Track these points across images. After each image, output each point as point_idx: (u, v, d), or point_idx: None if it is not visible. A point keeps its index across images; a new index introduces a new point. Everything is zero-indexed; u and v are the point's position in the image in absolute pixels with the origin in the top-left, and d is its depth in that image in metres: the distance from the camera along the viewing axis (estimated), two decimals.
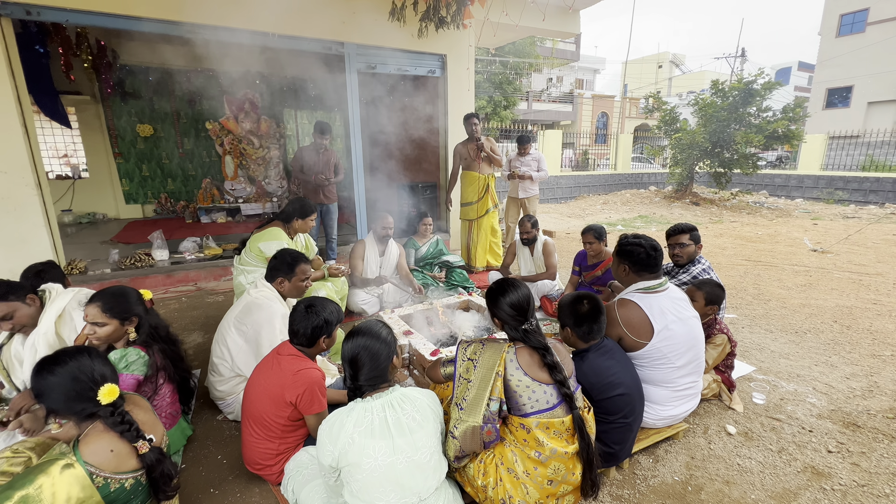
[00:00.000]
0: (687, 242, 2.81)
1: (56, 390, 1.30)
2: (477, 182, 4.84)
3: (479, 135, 4.72)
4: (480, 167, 4.80)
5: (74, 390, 1.30)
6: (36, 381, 1.31)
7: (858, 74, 18.86)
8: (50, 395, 1.30)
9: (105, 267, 4.46)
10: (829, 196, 11.77)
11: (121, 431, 1.32)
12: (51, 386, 1.30)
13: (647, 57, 36.27)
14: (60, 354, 1.35)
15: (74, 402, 1.31)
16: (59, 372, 1.31)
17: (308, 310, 1.81)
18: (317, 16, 4.70)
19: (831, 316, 3.75)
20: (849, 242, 6.62)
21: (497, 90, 19.32)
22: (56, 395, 1.30)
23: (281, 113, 8.49)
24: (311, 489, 1.59)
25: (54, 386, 1.30)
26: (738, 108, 10.58)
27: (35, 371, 1.32)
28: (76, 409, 1.32)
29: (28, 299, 1.99)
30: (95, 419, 1.34)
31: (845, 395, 2.56)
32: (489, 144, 4.78)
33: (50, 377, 1.30)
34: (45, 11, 3.72)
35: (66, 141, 7.83)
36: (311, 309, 1.81)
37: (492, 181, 4.87)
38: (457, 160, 4.97)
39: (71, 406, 1.31)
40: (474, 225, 4.96)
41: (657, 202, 11.79)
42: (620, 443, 1.84)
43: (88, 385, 1.31)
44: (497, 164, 4.88)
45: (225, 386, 2.25)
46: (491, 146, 4.79)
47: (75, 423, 1.35)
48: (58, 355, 1.35)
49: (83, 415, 1.33)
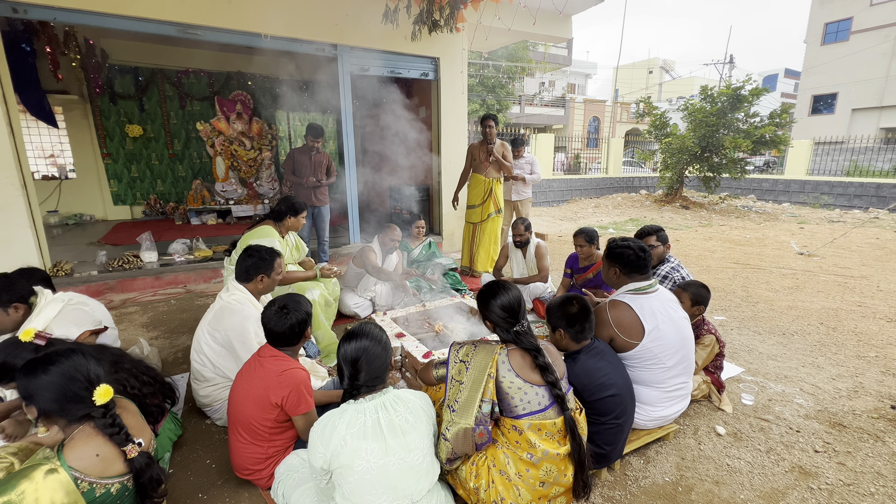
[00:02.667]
0: (655, 244, 2.93)
1: (49, 390, 1.25)
2: (482, 185, 4.79)
3: (494, 139, 4.65)
4: (487, 171, 4.75)
5: (70, 390, 1.27)
6: (27, 381, 1.26)
7: (843, 82, 19.27)
8: (43, 396, 1.26)
9: (92, 269, 4.39)
10: (815, 200, 11.99)
11: (110, 434, 1.29)
12: (44, 386, 1.25)
13: (638, 62, 36.73)
14: (53, 354, 1.31)
15: (68, 403, 1.27)
16: (53, 371, 1.27)
17: (282, 310, 1.78)
18: (309, 17, 4.69)
19: (817, 318, 3.81)
20: (834, 246, 6.74)
21: (490, 94, 19.42)
22: (49, 394, 1.25)
23: (273, 114, 8.45)
24: (302, 493, 1.58)
25: (48, 386, 1.25)
26: (726, 114, 10.76)
27: (26, 371, 1.28)
28: (70, 410, 1.28)
29: (12, 308, 1.94)
30: (84, 422, 1.30)
31: (831, 395, 2.60)
32: (502, 150, 4.69)
33: (43, 376, 1.26)
34: (33, 9, 3.66)
35: (53, 141, 7.70)
36: (284, 309, 1.79)
37: (497, 186, 4.81)
38: (468, 160, 4.89)
39: (65, 407, 1.27)
40: (478, 229, 4.93)
41: (648, 206, 11.92)
42: (612, 444, 1.85)
43: (84, 385, 1.28)
44: (507, 172, 4.82)
45: (208, 389, 2.21)
46: (504, 152, 4.70)
47: (63, 426, 1.31)
48: (51, 355, 1.31)
49: (76, 416, 1.29)
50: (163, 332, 3.49)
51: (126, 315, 3.83)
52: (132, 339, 3.18)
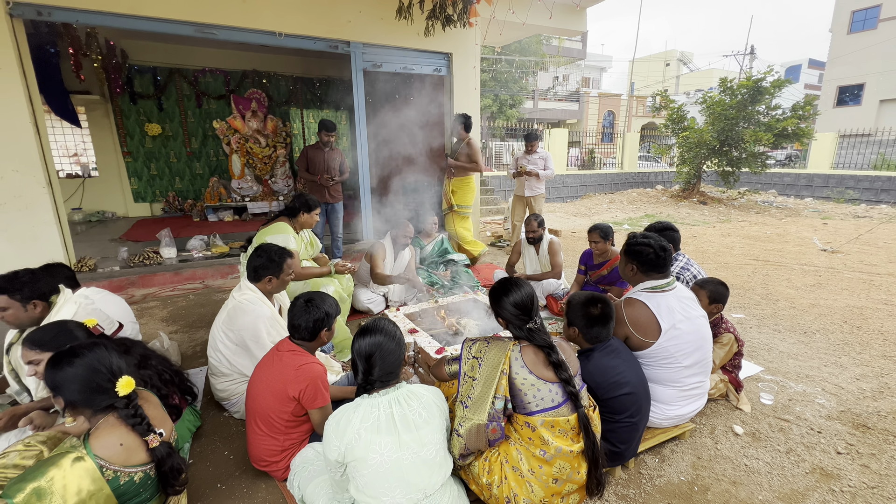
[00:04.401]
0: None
1: (75, 382, 1.31)
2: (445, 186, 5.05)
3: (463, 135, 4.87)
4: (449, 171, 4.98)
5: (94, 381, 1.33)
6: (54, 373, 1.32)
7: (870, 72, 18.57)
8: (69, 387, 1.32)
9: (114, 264, 4.51)
10: (840, 195, 11.62)
11: (133, 424, 1.34)
12: (70, 378, 1.32)
13: (655, 55, 35.98)
14: (78, 347, 1.38)
15: (93, 394, 1.33)
16: (77, 363, 1.33)
17: (308, 304, 1.82)
18: (323, 15, 4.72)
19: (841, 316, 3.71)
20: (859, 242, 6.53)
21: (503, 89, 19.25)
22: (75, 386, 1.32)
23: (287, 112, 8.53)
24: (317, 485, 1.60)
25: (73, 378, 1.32)
26: (746, 107, 10.47)
27: (52, 364, 1.34)
28: (94, 400, 1.34)
29: (31, 304, 1.97)
30: (108, 412, 1.36)
31: (855, 396, 2.53)
32: (466, 149, 4.87)
33: (69, 369, 1.32)
34: (56, 12, 3.76)
35: (76, 140, 7.93)
36: (310, 303, 1.82)
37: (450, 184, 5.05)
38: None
39: (89, 398, 1.33)
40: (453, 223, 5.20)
41: (664, 201, 11.70)
42: (626, 442, 1.84)
43: (107, 376, 1.34)
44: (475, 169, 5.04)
45: (226, 384, 2.25)
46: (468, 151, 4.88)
47: (89, 416, 1.37)
48: (75, 349, 1.37)
49: (100, 406, 1.35)
50: (182, 326, 3.58)
51: (147, 310, 3.93)
52: (153, 334, 3.26)
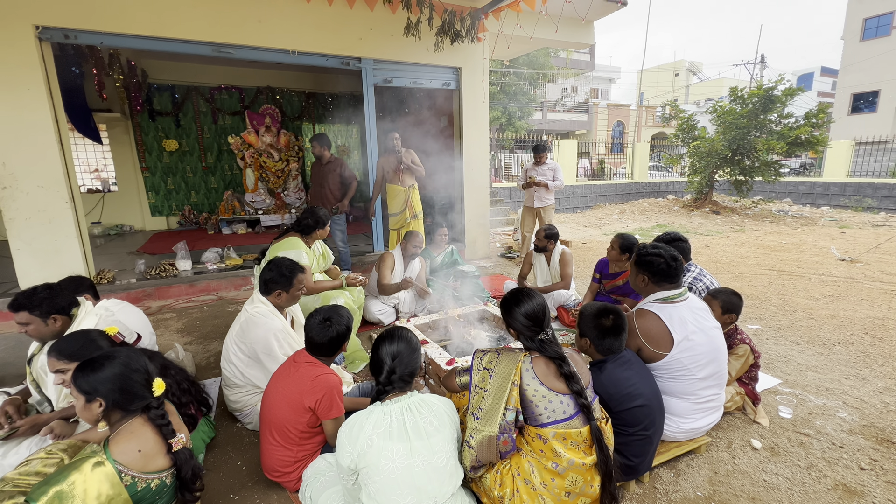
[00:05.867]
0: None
1: (114, 381, 1.37)
2: (401, 194, 4.93)
3: (399, 148, 4.82)
4: (402, 180, 4.89)
5: (133, 381, 1.39)
6: (92, 376, 1.36)
7: (885, 78, 18.33)
8: (109, 387, 1.36)
9: (132, 277, 4.62)
10: (858, 204, 11.39)
11: (161, 426, 1.40)
12: (109, 378, 1.37)
13: (664, 65, 35.97)
14: (111, 352, 1.44)
15: (131, 394, 1.39)
16: (116, 364, 1.39)
17: (325, 322, 1.84)
18: (335, 33, 4.85)
19: (862, 327, 3.61)
20: (879, 251, 6.38)
21: (512, 101, 19.41)
22: (114, 385, 1.37)
23: (300, 127, 8.72)
24: (329, 495, 1.61)
25: (113, 378, 1.37)
26: (758, 115, 10.39)
27: (89, 367, 1.38)
28: (133, 400, 1.40)
29: (51, 319, 1.98)
30: (136, 415, 1.42)
31: (878, 409, 2.45)
32: (409, 157, 4.88)
33: (108, 369, 1.37)
34: (82, 35, 3.94)
35: (97, 156, 8.19)
36: (327, 322, 1.84)
37: (413, 193, 4.97)
38: (379, 173, 5.03)
39: (129, 397, 1.39)
40: (400, 234, 5.04)
41: (676, 211, 11.60)
42: (640, 455, 1.81)
43: (144, 376, 1.42)
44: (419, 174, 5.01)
45: (239, 395, 2.28)
46: (412, 158, 4.89)
47: (119, 418, 1.41)
48: (108, 353, 1.44)
49: (137, 407, 1.41)
50: (196, 337, 3.63)
51: (162, 321, 4.00)
52: (168, 345, 3.32)
